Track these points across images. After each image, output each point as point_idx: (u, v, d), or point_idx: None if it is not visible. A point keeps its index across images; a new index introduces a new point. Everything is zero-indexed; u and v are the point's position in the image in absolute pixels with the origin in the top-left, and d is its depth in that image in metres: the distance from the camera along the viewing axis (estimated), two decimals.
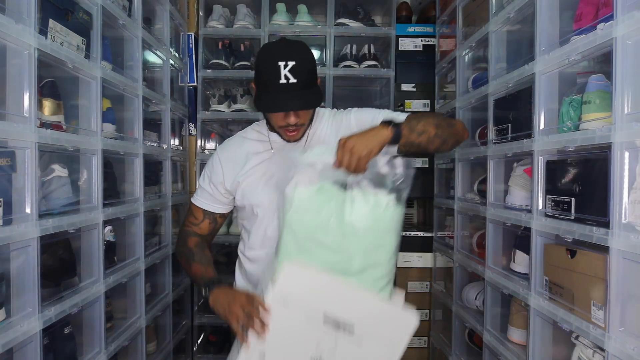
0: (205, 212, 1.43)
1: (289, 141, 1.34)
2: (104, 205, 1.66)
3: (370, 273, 1.13)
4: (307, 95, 1.24)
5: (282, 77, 1.19)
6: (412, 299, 2.76)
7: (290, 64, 1.19)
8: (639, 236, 1.07)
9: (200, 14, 2.78)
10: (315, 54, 2.98)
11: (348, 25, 2.75)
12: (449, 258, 2.37)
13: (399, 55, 2.83)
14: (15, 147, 1.21)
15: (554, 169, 1.44)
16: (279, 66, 1.19)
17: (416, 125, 1.20)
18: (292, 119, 1.25)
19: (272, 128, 1.37)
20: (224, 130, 3.17)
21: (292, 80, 1.20)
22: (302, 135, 1.34)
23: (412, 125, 1.19)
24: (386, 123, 1.16)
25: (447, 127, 1.24)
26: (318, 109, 1.41)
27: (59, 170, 1.46)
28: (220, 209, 1.43)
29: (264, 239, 1.35)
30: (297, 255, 1.12)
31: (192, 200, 1.46)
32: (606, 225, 1.16)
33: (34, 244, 1.25)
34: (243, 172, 1.36)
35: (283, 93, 1.21)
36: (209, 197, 1.42)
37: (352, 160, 1.09)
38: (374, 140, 1.12)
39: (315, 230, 1.12)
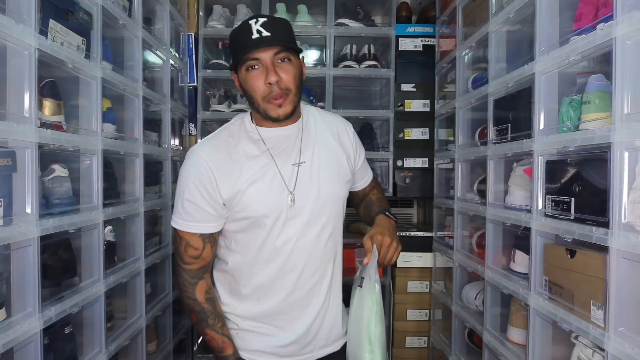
0: (203, 236, 1.20)
1: (277, 118, 1.16)
2: (104, 205, 1.66)
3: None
4: (283, 41, 1.13)
5: (254, 32, 1.09)
6: (412, 299, 2.76)
7: (261, 20, 1.11)
8: (639, 236, 1.07)
9: (200, 14, 2.78)
10: (315, 54, 2.98)
11: (348, 25, 2.75)
12: (449, 258, 2.37)
13: (399, 55, 2.83)
14: (16, 147, 1.22)
15: (553, 169, 1.44)
16: (250, 24, 1.11)
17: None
18: (273, 77, 1.11)
19: (258, 117, 1.21)
20: None
21: (265, 33, 1.09)
22: (292, 111, 1.18)
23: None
24: (384, 213, 1.37)
25: None
26: (304, 111, 1.31)
27: (59, 170, 1.46)
28: (217, 226, 1.22)
29: (273, 251, 1.22)
30: None
31: (180, 228, 1.20)
32: (606, 225, 1.16)
33: (34, 244, 1.25)
34: (243, 180, 1.18)
35: (257, 43, 1.10)
36: (202, 215, 1.19)
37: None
38: (395, 233, 1.32)
39: None
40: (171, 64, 2.43)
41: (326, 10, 2.74)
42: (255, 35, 1.09)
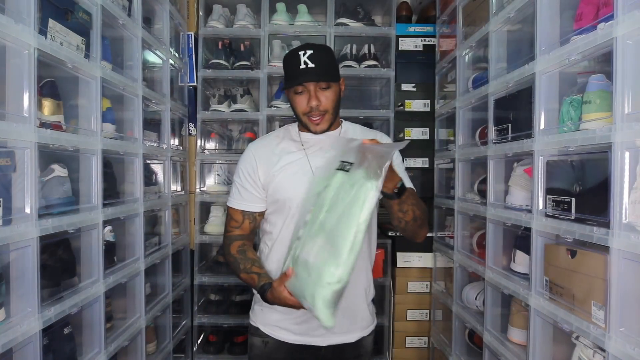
0: (244, 213, 1.46)
1: (315, 132, 1.41)
2: (104, 205, 1.66)
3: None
4: (325, 74, 1.35)
5: (302, 63, 1.33)
6: (412, 299, 2.76)
7: (309, 52, 1.34)
8: (639, 236, 1.07)
9: (200, 13, 2.78)
10: None
11: (348, 25, 2.75)
12: (449, 258, 2.37)
13: (399, 55, 2.83)
14: (15, 147, 1.21)
15: (554, 169, 1.43)
16: (299, 55, 1.34)
17: (413, 201, 1.32)
18: (314, 102, 1.35)
19: (301, 125, 1.46)
20: (224, 130, 3.17)
21: (311, 65, 1.33)
22: (328, 126, 1.41)
23: (413, 199, 1.32)
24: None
25: (421, 224, 1.37)
26: (345, 123, 1.52)
27: (59, 170, 1.46)
28: (258, 207, 1.46)
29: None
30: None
31: (229, 204, 1.49)
32: (606, 225, 1.16)
33: (33, 244, 1.25)
34: (277, 167, 1.42)
35: (303, 74, 1.34)
36: (246, 195, 1.45)
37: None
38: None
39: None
40: (171, 64, 2.43)
41: (326, 10, 2.73)
42: (302, 66, 1.33)
